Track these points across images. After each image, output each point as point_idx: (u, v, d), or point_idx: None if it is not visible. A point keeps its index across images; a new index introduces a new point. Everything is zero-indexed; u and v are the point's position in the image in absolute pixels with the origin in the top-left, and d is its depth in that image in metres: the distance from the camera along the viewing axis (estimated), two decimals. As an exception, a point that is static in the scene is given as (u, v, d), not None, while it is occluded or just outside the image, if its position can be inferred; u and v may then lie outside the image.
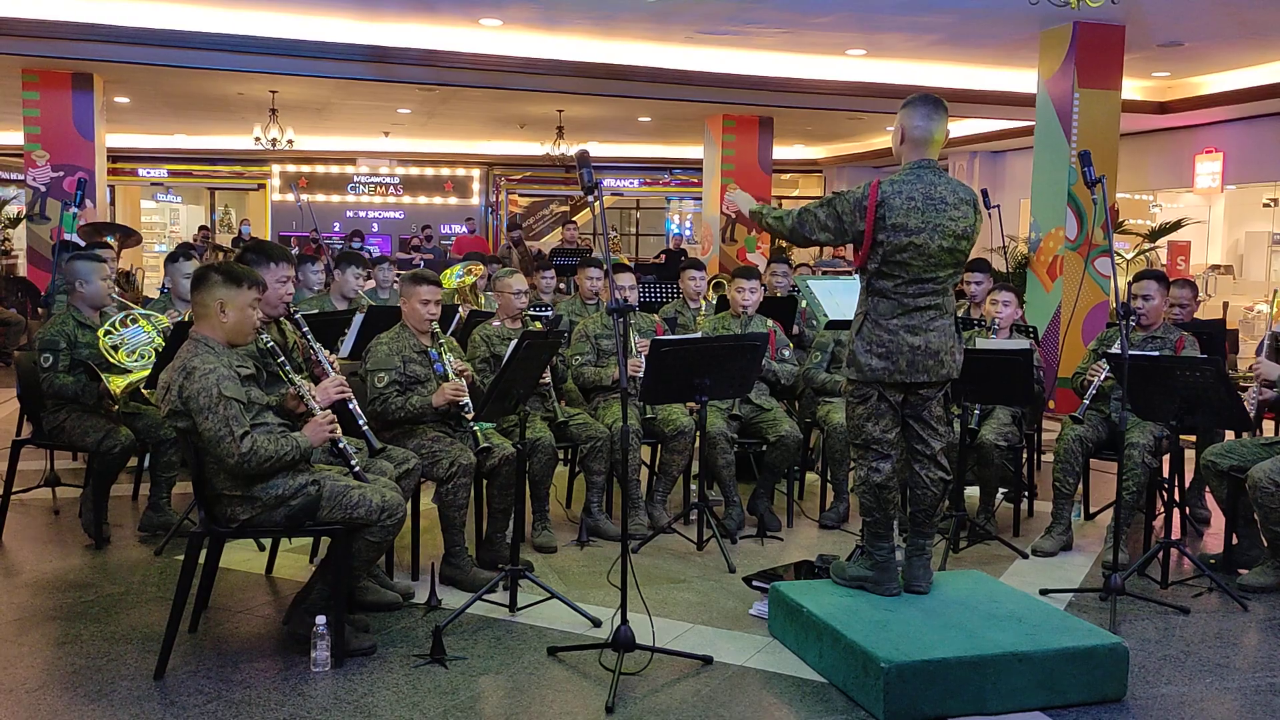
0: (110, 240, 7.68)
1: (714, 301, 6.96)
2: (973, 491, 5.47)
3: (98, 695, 3.31)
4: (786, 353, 5.74)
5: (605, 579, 4.45)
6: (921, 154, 3.75)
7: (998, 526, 5.34)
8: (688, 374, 4.52)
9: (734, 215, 4.13)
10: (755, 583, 4.37)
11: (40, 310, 10.82)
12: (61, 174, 12.33)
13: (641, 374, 4.85)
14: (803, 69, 11.44)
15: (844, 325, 5.11)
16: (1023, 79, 10.98)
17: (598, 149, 19.02)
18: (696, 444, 5.20)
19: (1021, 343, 5.25)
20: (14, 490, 5.07)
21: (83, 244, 8.18)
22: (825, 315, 5.89)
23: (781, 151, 17.29)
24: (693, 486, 5.39)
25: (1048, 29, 9.07)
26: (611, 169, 21.10)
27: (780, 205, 20.35)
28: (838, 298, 5.93)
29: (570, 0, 9.04)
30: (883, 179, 3.69)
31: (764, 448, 5.39)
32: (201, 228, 18.75)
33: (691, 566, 4.76)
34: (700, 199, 17.20)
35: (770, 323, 5.75)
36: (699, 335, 5.46)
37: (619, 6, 9.19)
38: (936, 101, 3.76)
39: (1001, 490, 5.59)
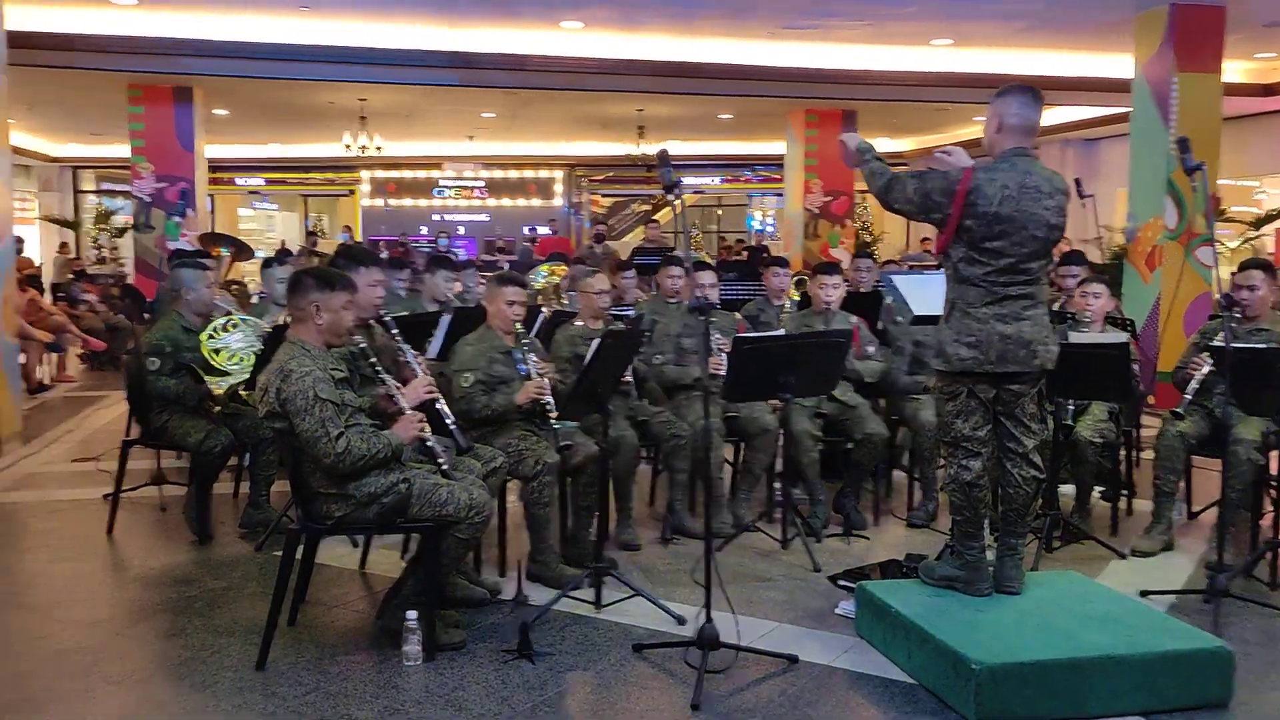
0: (224, 251, 7.96)
1: (797, 299, 6.91)
2: (1068, 490, 5.33)
3: (203, 685, 3.44)
4: (871, 349, 5.67)
5: (689, 577, 4.46)
6: (1017, 143, 3.69)
7: (1093, 526, 5.20)
8: (770, 372, 4.50)
9: (842, 154, 4.15)
10: (841, 582, 4.34)
11: (147, 316, 11.25)
12: (165, 185, 12.80)
13: (723, 372, 4.84)
14: (887, 61, 11.30)
15: (930, 321, 5.03)
16: (1117, 64, 10.66)
17: (678, 147, 19.01)
18: (780, 442, 5.17)
19: (1117, 336, 5.10)
20: (124, 488, 5.28)
21: (191, 249, 8.48)
22: (911, 311, 5.81)
23: (867, 145, 17.05)
24: (777, 485, 5.37)
25: (1143, 11, 8.80)
26: (692, 167, 21.08)
27: (865, 199, 20.11)
28: (924, 293, 5.83)
29: (650, 0, 9.06)
30: (977, 166, 3.64)
31: (850, 446, 5.33)
32: (309, 234, 19.25)
33: (776, 565, 4.74)
34: (782, 195, 17.08)
35: (854, 319, 5.69)
36: (781, 333, 5.43)
37: (698, 5, 9.19)
38: (1033, 91, 3.73)
39: (1098, 489, 5.44)
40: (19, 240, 11.18)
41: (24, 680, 3.45)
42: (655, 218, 18.05)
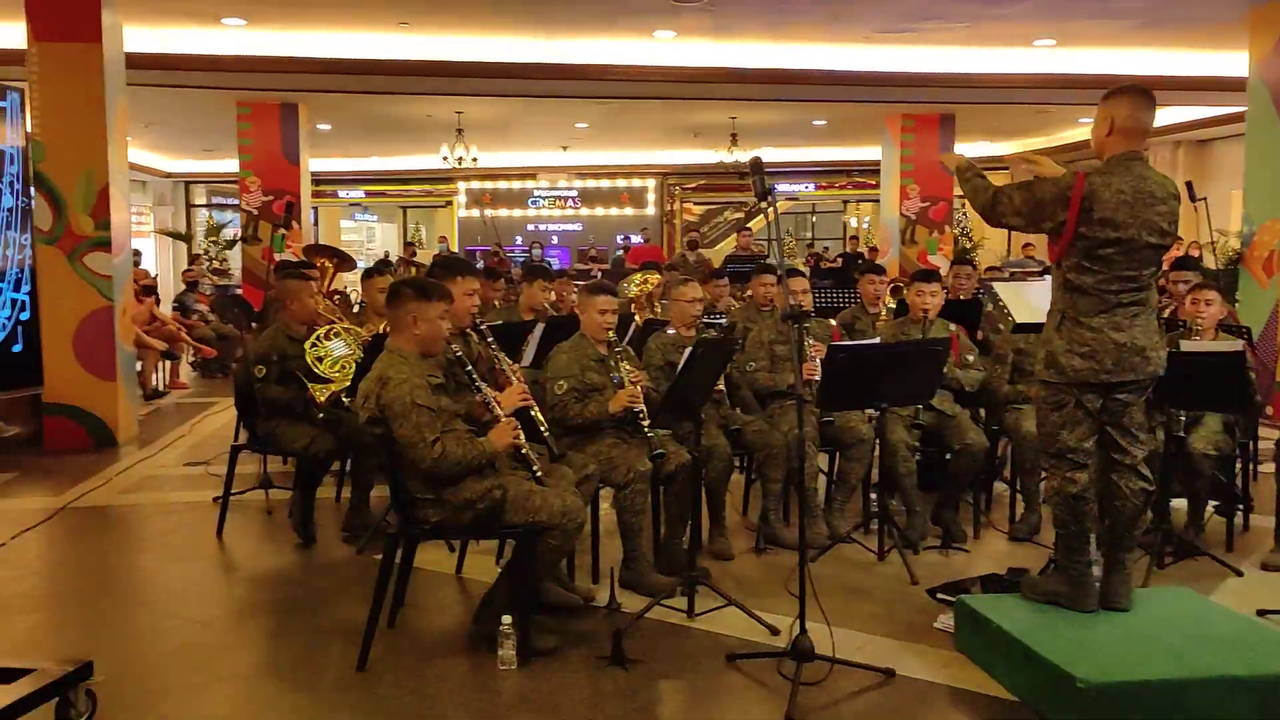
0: (327, 262, 8.18)
1: (893, 306, 6.81)
2: (1180, 504, 5.14)
3: (307, 684, 3.53)
4: (971, 358, 5.55)
5: (783, 587, 4.42)
6: (1128, 146, 3.58)
7: (1208, 542, 5.00)
8: (866, 380, 4.44)
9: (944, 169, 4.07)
10: (940, 595, 4.25)
11: (254, 325, 11.63)
12: (271, 198, 13.24)
13: (818, 380, 4.79)
14: (986, 63, 11.07)
15: (1033, 329, 4.90)
16: (1231, 62, 10.26)
17: (771, 154, 18.90)
18: (876, 452, 5.09)
19: (1232, 344, 4.90)
20: (233, 492, 5.47)
21: (295, 260, 8.73)
22: (1013, 319, 5.67)
23: (964, 149, 16.73)
24: (872, 495, 5.28)
25: (1259, 6, 8.45)
26: (786, 173, 20.94)
27: (964, 205, 19.70)
28: (1026, 300, 5.69)
29: (743, 8, 9.05)
30: (1088, 171, 3.54)
31: (948, 456, 5.23)
32: (407, 245, 19.70)
33: (872, 577, 4.67)
34: (879, 201, 16.86)
35: (953, 327, 5.58)
36: (877, 341, 5.36)
37: (793, 11, 9.14)
38: (1145, 93, 3.62)
39: (1212, 503, 5.23)
40: (136, 253, 11.67)
41: (145, 675, 3.59)
42: (748, 225, 18.00)
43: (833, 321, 5.89)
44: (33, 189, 7.42)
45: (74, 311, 7.54)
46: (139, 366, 9.46)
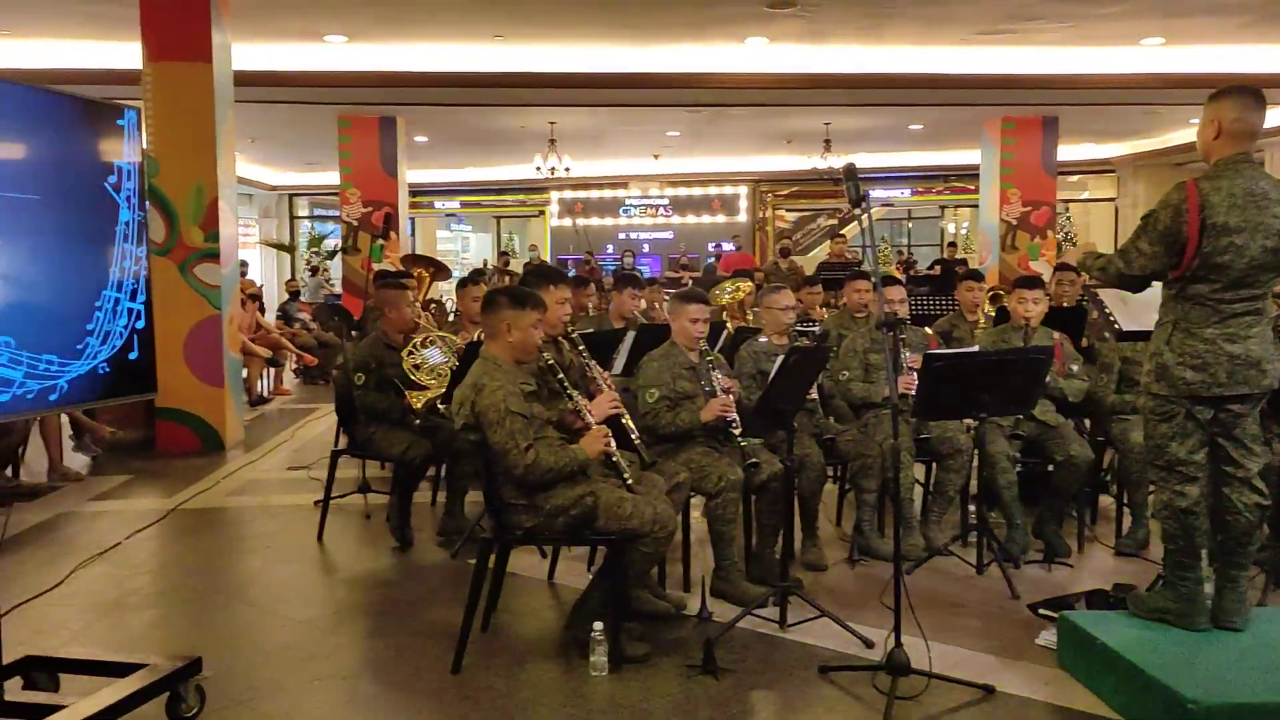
0: (424, 272, 8.37)
1: (993, 314, 6.66)
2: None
3: (403, 685, 3.60)
4: (1075, 367, 5.39)
5: (878, 600, 4.34)
6: (1237, 148, 3.45)
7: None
8: (964, 390, 4.35)
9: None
10: (1042, 611, 4.14)
11: (354, 333, 11.92)
12: (370, 209, 13.58)
13: (913, 390, 4.71)
14: (1091, 63, 10.77)
15: (1139, 336, 4.74)
16: (1352, 58, 9.81)
17: (866, 159, 18.69)
18: (975, 463, 4.98)
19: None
20: (333, 495, 5.61)
21: (393, 270, 8.93)
22: (1119, 326, 5.49)
23: (1067, 151, 16.33)
24: (971, 508, 5.17)
25: (1382, 0, 8.06)
26: (881, 179, 20.68)
27: (1068, 209, 19.19)
28: (1132, 308, 5.50)
29: (837, 12, 8.97)
30: (1196, 178, 3.42)
31: (1051, 468, 5.08)
32: (501, 254, 20.02)
33: (971, 591, 4.56)
34: (977, 206, 16.52)
35: (1056, 335, 5.43)
36: (975, 349, 5.24)
37: (888, 14, 9.03)
38: (1256, 93, 3.48)
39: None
40: (243, 263, 12.08)
41: (249, 672, 3.70)
42: (842, 232, 17.80)
43: (929, 330, 5.78)
44: (147, 203, 7.74)
45: (185, 320, 7.85)
46: (245, 373, 9.78)
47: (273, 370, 11.47)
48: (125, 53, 8.87)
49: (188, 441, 7.90)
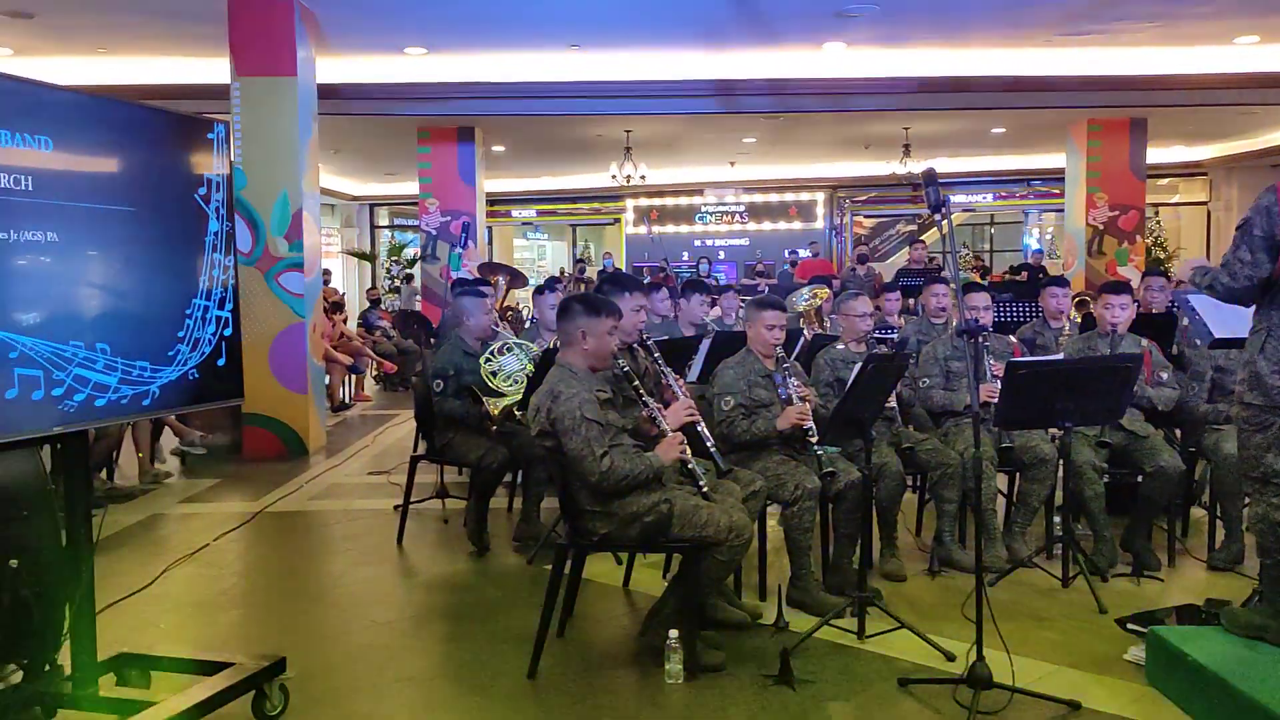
0: (501, 279, 8.46)
1: (1078, 321, 6.50)
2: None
3: (480, 688, 3.63)
4: (1165, 375, 5.24)
5: (959, 612, 4.26)
6: None
7: None
8: (1048, 398, 4.25)
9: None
10: (1131, 626, 4.02)
11: (433, 341, 12.10)
12: (449, 218, 13.79)
13: (996, 398, 4.62)
14: (1181, 63, 10.47)
15: (1231, 344, 4.59)
16: None
17: (946, 164, 18.40)
18: (1060, 473, 4.86)
19: None
20: (411, 500, 5.69)
21: (471, 278, 9.05)
22: (1211, 334, 5.32)
23: (1157, 154, 15.87)
24: (1056, 519, 5.05)
25: None
26: (961, 184, 20.34)
27: (1158, 214, 18.67)
28: (1224, 314, 5.32)
29: (916, 15, 8.86)
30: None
31: (1139, 478, 4.94)
32: (576, 261, 20.17)
33: (1055, 604, 4.45)
34: (1062, 210, 16.15)
35: (1145, 342, 5.28)
36: (1060, 357, 5.12)
37: (970, 16, 8.89)
38: None
39: None
40: (325, 272, 12.35)
41: (331, 672, 3.78)
42: (921, 238, 17.55)
43: (1012, 338, 5.67)
44: (235, 214, 7.97)
45: (270, 328, 8.05)
46: (327, 380, 9.99)
47: (354, 377, 11.70)
48: (215, 69, 9.15)
49: (273, 446, 8.09)
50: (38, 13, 8.36)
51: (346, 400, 11.24)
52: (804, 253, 19.59)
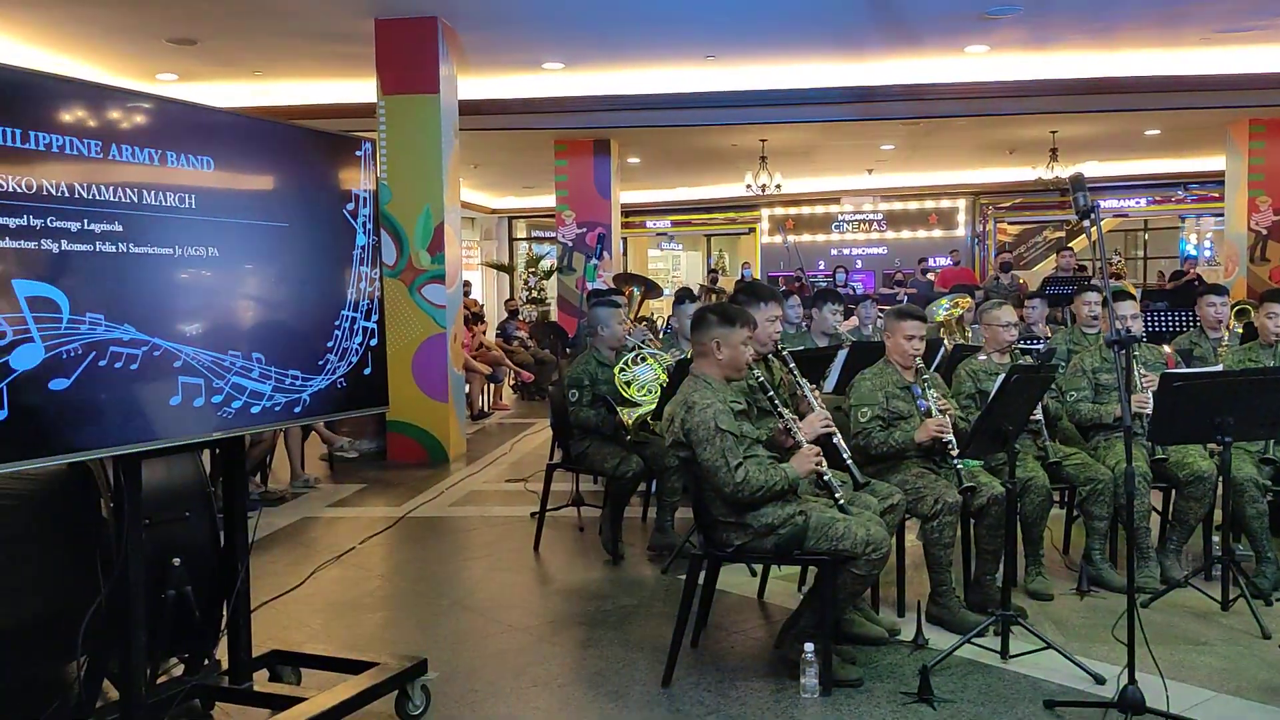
0: (636, 290, 8.56)
1: (1239, 331, 6.15)
2: None
3: (614, 696, 3.66)
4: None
5: (1109, 633, 4.08)
6: None
7: None
8: (1206, 412, 4.03)
9: None
10: (1298, 654, 3.77)
11: (568, 351, 12.31)
12: (584, 230, 13.99)
13: (1148, 411, 4.41)
14: (1355, 56, 9.82)
15: None
16: None
17: (1095, 168, 17.71)
18: (1219, 490, 4.61)
19: None
20: (548, 508, 5.79)
21: (605, 288, 9.18)
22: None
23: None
24: (1215, 538, 4.78)
25: None
26: (1112, 189, 19.53)
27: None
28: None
29: (1063, 15, 8.56)
30: None
31: (1308, 497, 4.64)
32: (710, 271, 20.19)
33: (1213, 628, 4.21)
34: (1221, 215, 15.32)
35: (1314, 353, 4.96)
36: (1219, 368, 4.86)
37: (1119, 15, 8.53)
38: None
39: None
40: (466, 283, 12.69)
41: (471, 675, 3.87)
42: (1069, 245, 16.91)
43: (1167, 348, 5.40)
44: (380, 228, 8.30)
45: (413, 338, 8.33)
46: (467, 389, 10.25)
47: (492, 386, 11.97)
48: (361, 89, 9.53)
49: (415, 453, 8.35)
50: (200, 39, 8.87)
51: (485, 409, 11.50)
52: (943, 261, 19.13)
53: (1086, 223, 3.42)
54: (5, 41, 8.64)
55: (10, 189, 2.43)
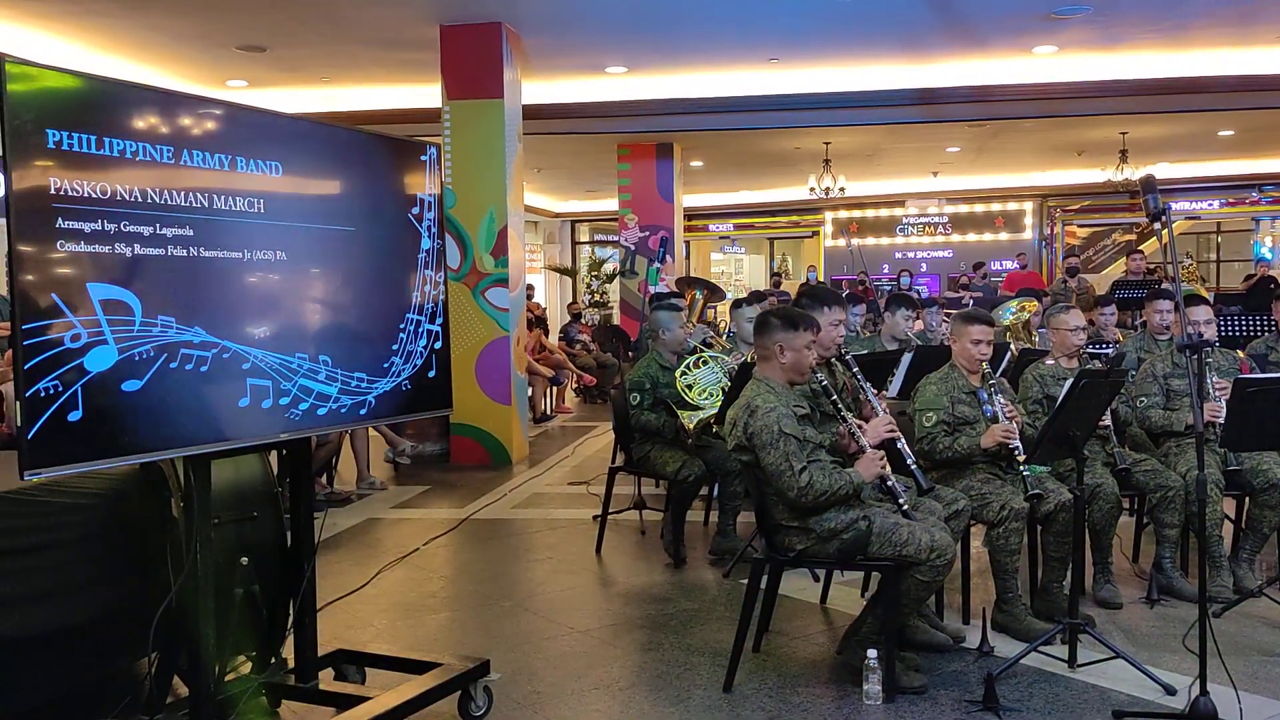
0: (698, 293, 8.56)
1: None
2: None
3: (676, 699, 3.66)
4: None
5: (1180, 643, 3.99)
6: None
7: None
8: (1283, 418, 3.92)
9: None
10: (1382, 669, 3.65)
11: (630, 354, 12.34)
12: (647, 234, 14.03)
13: (1221, 418, 4.30)
14: None
15: None
16: None
17: (1167, 170, 17.31)
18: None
19: None
20: (610, 511, 5.81)
21: (667, 292, 9.18)
22: None
23: None
24: (1293, 548, 4.65)
25: None
26: (1184, 190, 19.07)
27: None
28: None
29: (1134, 14, 8.39)
30: None
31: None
32: (773, 275, 20.12)
33: (1293, 641, 4.10)
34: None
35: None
36: (1300, 373, 4.72)
37: (1192, 14, 8.34)
38: None
39: None
40: (529, 287, 12.79)
41: (533, 677, 3.90)
42: (1139, 248, 16.54)
43: (1240, 353, 5.26)
44: (445, 232, 8.42)
45: (477, 341, 8.42)
46: (530, 392, 10.33)
47: (555, 389, 12.04)
48: (427, 94, 9.66)
49: (478, 455, 8.44)
50: (269, 46, 9.07)
51: (548, 411, 11.57)
52: (1008, 264, 18.82)
53: (1158, 225, 3.35)
54: (79, 50, 8.92)
55: (85, 194, 2.50)
